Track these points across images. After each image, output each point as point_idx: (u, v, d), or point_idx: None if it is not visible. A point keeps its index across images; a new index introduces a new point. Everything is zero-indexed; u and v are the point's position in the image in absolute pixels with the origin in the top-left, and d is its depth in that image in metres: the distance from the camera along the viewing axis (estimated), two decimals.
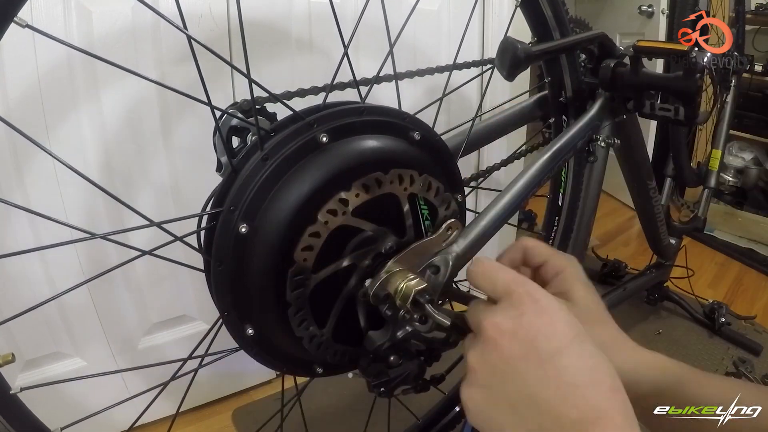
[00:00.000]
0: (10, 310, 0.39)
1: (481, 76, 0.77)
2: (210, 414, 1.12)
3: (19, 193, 0.79)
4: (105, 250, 0.88)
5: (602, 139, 0.72)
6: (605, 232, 2.07)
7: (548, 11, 0.66)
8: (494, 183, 1.23)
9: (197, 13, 0.84)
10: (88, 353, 0.95)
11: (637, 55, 0.68)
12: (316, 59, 1.00)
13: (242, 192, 0.38)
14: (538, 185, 0.58)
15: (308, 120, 0.40)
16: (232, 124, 0.45)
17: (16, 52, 0.73)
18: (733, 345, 1.34)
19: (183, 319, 1.05)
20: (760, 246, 1.94)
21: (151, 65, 0.83)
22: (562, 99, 0.73)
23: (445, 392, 0.72)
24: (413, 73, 0.59)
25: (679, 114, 0.68)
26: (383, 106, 0.44)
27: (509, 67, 0.55)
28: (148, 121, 0.87)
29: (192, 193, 0.94)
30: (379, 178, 0.41)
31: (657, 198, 1.08)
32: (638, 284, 1.30)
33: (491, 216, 0.52)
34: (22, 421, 0.39)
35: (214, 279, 0.40)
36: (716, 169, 1.48)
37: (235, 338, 0.42)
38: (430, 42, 1.16)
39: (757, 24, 1.97)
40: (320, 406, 1.12)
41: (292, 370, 0.47)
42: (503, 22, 1.24)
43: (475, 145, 0.68)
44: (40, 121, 0.77)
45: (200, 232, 0.42)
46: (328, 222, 0.39)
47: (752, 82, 1.78)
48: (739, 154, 2.14)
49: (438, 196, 0.45)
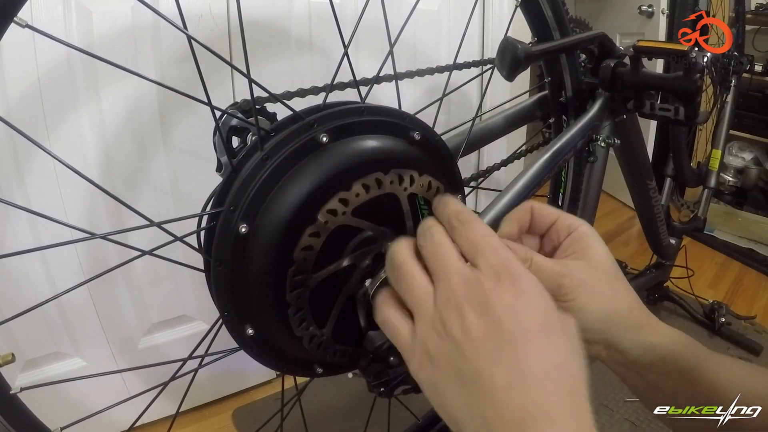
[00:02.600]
0: (10, 310, 0.39)
1: (481, 76, 0.77)
2: (210, 414, 1.12)
3: (19, 193, 0.79)
4: (105, 250, 0.88)
5: (602, 139, 0.72)
6: (605, 232, 2.07)
7: (548, 11, 0.66)
8: (494, 183, 1.23)
9: (197, 13, 0.84)
10: (88, 353, 0.95)
11: (637, 55, 0.68)
12: (316, 59, 1.00)
13: (242, 192, 0.38)
14: (538, 185, 0.58)
15: (308, 120, 0.40)
16: (232, 124, 0.45)
17: (16, 52, 0.73)
18: (733, 345, 1.34)
19: (183, 319, 1.05)
20: (760, 246, 1.94)
21: (151, 65, 0.83)
22: (562, 99, 0.73)
23: None
24: (413, 73, 0.59)
25: (679, 114, 0.68)
26: (383, 106, 0.44)
27: (509, 67, 0.55)
28: (148, 121, 0.87)
29: (192, 193, 0.94)
30: (379, 178, 0.41)
31: (657, 198, 1.08)
32: (638, 284, 1.30)
33: (491, 216, 0.52)
34: (22, 421, 0.39)
35: (214, 279, 0.40)
36: (716, 169, 1.48)
37: (235, 338, 0.42)
38: (430, 42, 1.16)
39: (757, 24, 1.97)
40: (320, 406, 1.12)
41: (292, 370, 0.47)
42: (503, 22, 1.24)
43: (475, 145, 0.68)
44: (40, 121, 0.77)
45: (200, 232, 0.42)
46: (328, 222, 0.39)
47: (752, 82, 1.78)
48: (739, 154, 2.14)
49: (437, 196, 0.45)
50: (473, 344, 0.29)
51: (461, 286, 0.30)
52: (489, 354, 0.28)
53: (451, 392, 0.30)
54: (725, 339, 1.36)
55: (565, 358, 0.29)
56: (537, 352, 0.28)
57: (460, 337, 0.29)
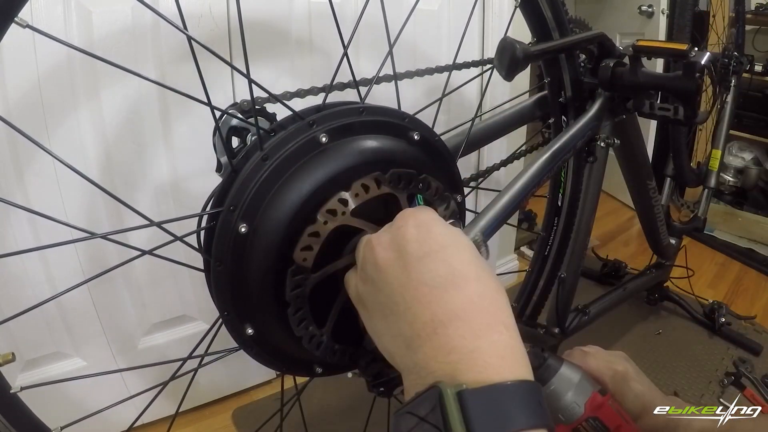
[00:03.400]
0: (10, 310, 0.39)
1: (481, 76, 0.77)
2: (210, 414, 1.12)
3: (19, 193, 0.79)
4: (105, 250, 0.88)
5: (602, 139, 0.72)
6: (605, 232, 2.07)
7: (548, 11, 0.66)
8: (494, 183, 1.23)
9: (197, 13, 0.84)
10: (88, 353, 0.95)
11: (637, 54, 0.68)
12: (316, 59, 1.00)
13: (242, 192, 0.38)
14: (537, 185, 0.58)
15: (308, 120, 0.40)
16: (232, 124, 0.45)
17: (16, 53, 0.73)
18: (733, 345, 1.34)
19: (183, 319, 1.05)
20: (760, 246, 1.94)
21: (151, 65, 0.83)
22: (562, 99, 0.73)
23: None
24: (413, 73, 0.60)
25: (679, 113, 0.68)
26: (383, 107, 0.44)
27: (508, 67, 0.55)
28: (148, 121, 0.87)
29: (192, 193, 0.94)
30: (378, 177, 0.41)
31: (657, 198, 1.08)
32: (638, 284, 1.30)
33: (491, 216, 0.52)
34: (22, 420, 0.39)
35: (214, 279, 0.40)
36: (716, 169, 1.48)
37: (235, 338, 0.42)
38: (430, 42, 1.16)
39: (757, 24, 1.97)
40: (320, 406, 1.12)
41: (291, 370, 0.47)
42: (503, 22, 1.24)
43: (475, 145, 0.68)
44: (40, 121, 0.77)
45: (200, 232, 0.42)
46: (327, 222, 0.39)
47: (752, 82, 1.78)
48: (739, 154, 2.14)
49: (437, 196, 0.45)
50: (383, 274, 0.32)
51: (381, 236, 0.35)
52: (397, 278, 0.31)
53: (380, 328, 0.33)
54: (725, 339, 1.36)
55: (470, 269, 0.31)
56: (438, 266, 0.30)
57: (375, 274, 0.33)
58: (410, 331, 0.29)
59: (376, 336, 0.34)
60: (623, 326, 1.40)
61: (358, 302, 0.37)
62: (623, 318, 1.42)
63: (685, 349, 1.33)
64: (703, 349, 1.33)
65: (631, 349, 1.32)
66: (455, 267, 0.30)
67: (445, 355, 0.27)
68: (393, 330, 0.31)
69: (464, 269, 0.31)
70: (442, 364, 0.27)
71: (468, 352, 0.27)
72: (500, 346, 0.27)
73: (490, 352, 0.27)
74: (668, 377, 1.22)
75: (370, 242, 0.35)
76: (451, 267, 0.30)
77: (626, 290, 1.22)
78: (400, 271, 0.31)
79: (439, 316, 0.28)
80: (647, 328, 1.41)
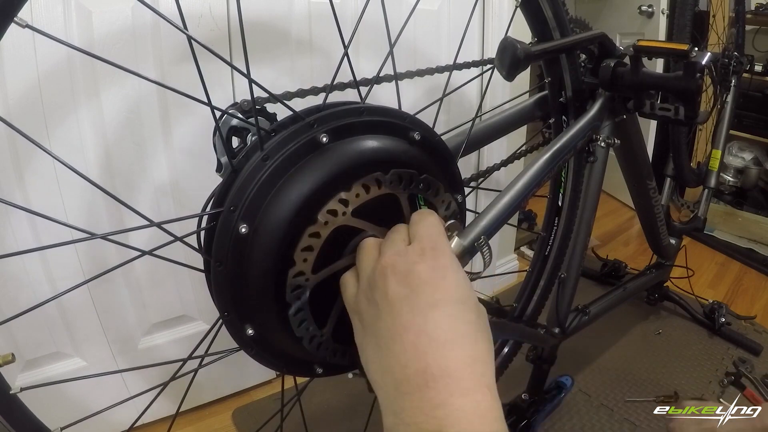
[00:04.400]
0: (10, 310, 0.39)
1: (481, 76, 0.77)
2: (210, 414, 1.12)
3: (19, 193, 0.79)
4: (105, 250, 0.88)
5: (602, 139, 0.72)
6: (605, 232, 2.08)
7: (548, 11, 0.66)
8: (494, 183, 1.23)
9: (197, 13, 0.84)
10: (88, 353, 0.95)
11: (637, 54, 0.68)
12: (316, 59, 1.00)
13: (242, 192, 0.38)
14: (538, 185, 0.58)
15: (308, 120, 0.40)
16: (232, 124, 0.45)
17: (16, 52, 0.73)
18: (733, 345, 1.35)
19: (183, 319, 1.05)
20: (760, 246, 1.94)
21: (151, 65, 0.83)
22: (562, 99, 0.73)
23: None
24: (413, 73, 0.59)
25: (679, 113, 0.68)
26: (383, 107, 0.44)
27: (508, 67, 0.55)
28: (148, 121, 0.87)
29: (192, 193, 0.94)
30: (379, 178, 0.41)
31: (657, 198, 1.08)
32: (638, 284, 1.30)
33: (491, 216, 0.52)
34: (22, 421, 0.39)
35: (214, 279, 0.40)
36: (716, 169, 1.48)
37: (235, 338, 0.42)
38: (430, 42, 1.16)
39: (757, 24, 1.97)
40: (320, 406, 1.12)
41: (292, 370, 0.47)
42: (503, 22, 1.24)
43: (475, 145, 0.68)
44: (40, 121, 0.77)
45: (200, 232, 0.42)
46: (328, 222, 0.39)
47: (752, 82, 1.78)
48: (739, 154, 2.14)
49: (438, 196, 0.45)
50: (390, 307, 0.32)
51: (392, 257, 0.34)
52: (402, 318, 0.32)
53: (371, 354, 0.34)
54: (725, 339, 1.36)
55: (471, 329, 0.32)
56: (444, 320, 0.31)
57: (381, 301, 0.33)
58: (401, 375, 0.30)
59: (364, 356, 0.35)
60: (623, 326, 1.40)
61: (353, 312, 0.37)
62: (623, 318, 1.42)
63: (685, 349, 1.33)
64: (703, 349, 1.33)
65: (631, 349, 1.32)
66: (459, 327, 0.31)
67: (432, 409, 0.28)
68: (384, 364, 0.32)
69: (467, 330, 0.32)
70: (428, 417, 0.28)
71: (454, 410, 0.28)
72: (483, 407, 0.29)
73: (474, 412, 0.28)
74: (668, 377, 1.22)
75: (383, 263, 0.34)
76: (455, 326, 0.31)
77: (626, 290, 1.22)
78: (407, 310, 0.32)
79: (432, 368, 0.29)
80: (647, 328, 1.42)
